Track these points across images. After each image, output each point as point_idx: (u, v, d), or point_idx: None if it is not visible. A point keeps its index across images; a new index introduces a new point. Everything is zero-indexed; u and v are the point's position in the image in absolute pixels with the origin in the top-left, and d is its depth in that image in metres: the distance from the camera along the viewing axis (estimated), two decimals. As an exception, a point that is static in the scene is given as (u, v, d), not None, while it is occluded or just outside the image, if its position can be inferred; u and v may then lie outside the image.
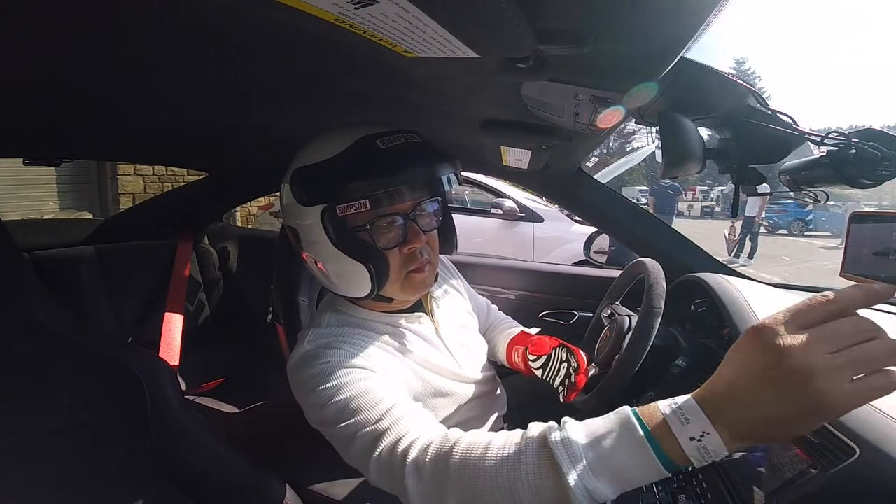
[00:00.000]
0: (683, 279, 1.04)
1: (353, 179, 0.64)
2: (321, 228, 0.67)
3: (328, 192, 0.65)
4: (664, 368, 0.87)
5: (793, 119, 0.71)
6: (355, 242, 0.68)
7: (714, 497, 0.66)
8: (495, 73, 0.51)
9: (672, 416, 0.43)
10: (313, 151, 0.68)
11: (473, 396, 0.88)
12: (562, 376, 0.89)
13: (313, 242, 0.69)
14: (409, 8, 0.32)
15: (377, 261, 0.69)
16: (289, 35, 0.46)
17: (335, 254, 0.68)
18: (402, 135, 0.68)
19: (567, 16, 0.38)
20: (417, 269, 0.72)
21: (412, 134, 0.69)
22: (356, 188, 0.64)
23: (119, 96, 0.73)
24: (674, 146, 0.72)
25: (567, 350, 0.90)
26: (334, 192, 0.65)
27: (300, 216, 0.69)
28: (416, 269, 0.72)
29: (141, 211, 1.99)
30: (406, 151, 0.67)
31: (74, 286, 1.44)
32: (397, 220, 0.69)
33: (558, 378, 0.89)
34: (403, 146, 0.67)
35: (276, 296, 1.25)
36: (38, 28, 0.44)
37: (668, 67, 0.47)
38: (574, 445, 0.46)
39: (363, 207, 0.64)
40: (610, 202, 1.32)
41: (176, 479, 0.73)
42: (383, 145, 0.65)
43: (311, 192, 0.67)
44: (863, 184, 0.68)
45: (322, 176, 0.65)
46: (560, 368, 0.90)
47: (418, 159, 0.67)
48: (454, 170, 0.70)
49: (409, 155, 0.67)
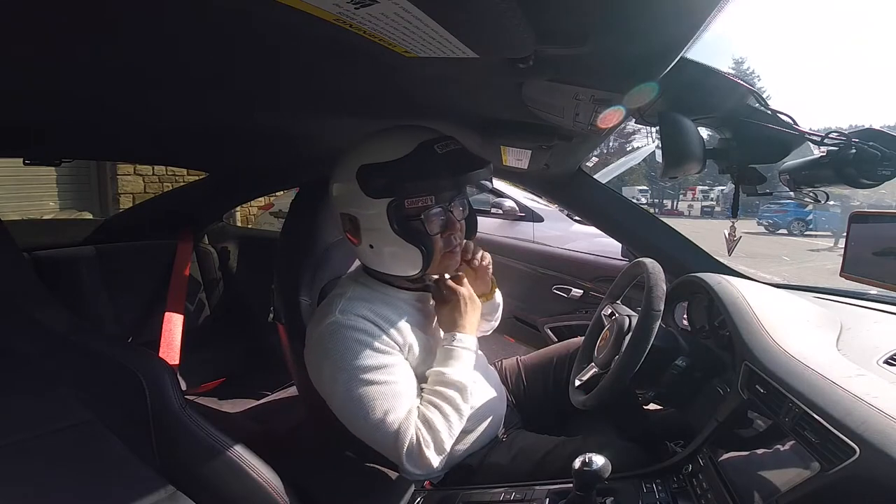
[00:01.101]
0: (683, 279, 1.04)
1: (421, 179, 0.78)
2: (385, 217, 0.78)
3: (397, 188, 0.77)
4: (664, 368, 0.87)
5: (793, 119, 0.71)
6: (412, 229, 0.81)
7: (714, 497, 0.66)
8: (495, 73, 0.51)
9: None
10: (377, 151, 0.79)
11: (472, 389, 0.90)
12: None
13: (374, 229, 0.81)
14: (409, 8, 0.32)
15: (427, 244, 0.82)
16: (289, 35, 0.46)
17: (394, 239, 0.80)
18: (451, 142, 0.81)
19: (567, 16, 0.38)
20: (452, 250, 0.87)
21: (456, 141, 0.83)
22: (424, 186, 0.78)
23: (119, 97, 0.73)
24: (674, 146, 0.72)
25: None
26: (404, 189, 0.77)
27: (363, 206, 0.80)
28: (451, 251, 0.87)
29: (141, 211, 1.99)
30: (458, 157, 0.81)
31: (74, 286, 1.44)
32: (442, 212, 0.83)
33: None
34: (456, 152, 0.81)
35: (277, 295, 1.25)
36: (38, 28, 0.44)
37: (667, 67, 0.48)
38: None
39: (428, 202, 0.79)
40: (610, 202, 1.31)
41: (176, 479, 0.73)
42: (440, 150, 0.79)
43: (380, 187, 0.78)
44: (863, 184, 0.68)
45: (392, 174, 0.77)
46: None
47: (468, 164, 0.81)
48: (491, 174, 0.84)
49: (461, 160, 0.81)
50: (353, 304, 0.84)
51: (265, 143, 1.21)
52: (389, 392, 0.78)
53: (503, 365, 1.20)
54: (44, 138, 1.03)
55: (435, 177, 0.78)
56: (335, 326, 0.80)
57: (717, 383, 0.85)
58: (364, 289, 0.88)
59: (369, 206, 0.79)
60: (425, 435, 0.77)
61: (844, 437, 0.49)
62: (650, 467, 0.78)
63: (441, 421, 0.78)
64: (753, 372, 0.70)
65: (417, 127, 0.83)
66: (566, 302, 1.78)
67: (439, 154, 0.78)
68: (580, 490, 0.64)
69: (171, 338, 1.50)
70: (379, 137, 0.82)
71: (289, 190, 2.72)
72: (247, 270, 1.91)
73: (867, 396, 0.53)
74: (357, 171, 0.79)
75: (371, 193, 0.78)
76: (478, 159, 0.83)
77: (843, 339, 0.75)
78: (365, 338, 0.80)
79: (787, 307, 0.90)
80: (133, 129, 1.00)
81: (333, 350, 0.79)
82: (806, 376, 0.61)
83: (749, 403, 0.70)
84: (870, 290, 0.96)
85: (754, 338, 0.74)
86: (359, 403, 0.77)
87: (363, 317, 0.82)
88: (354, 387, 0.78)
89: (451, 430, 0.79)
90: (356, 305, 0.83)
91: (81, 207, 4.91)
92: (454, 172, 0.79)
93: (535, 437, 0.97)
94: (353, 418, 0.79)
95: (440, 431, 0.77)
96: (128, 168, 4.96)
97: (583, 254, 1.89)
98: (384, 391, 0.78)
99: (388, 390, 0.78)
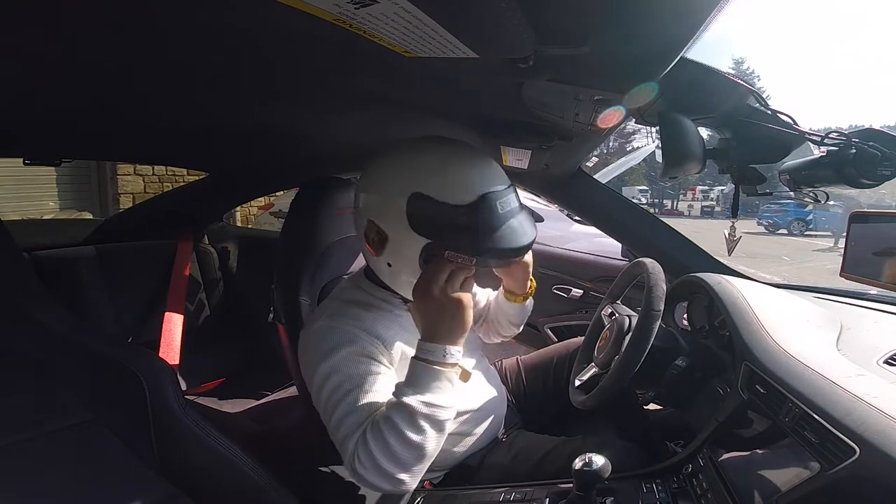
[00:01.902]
0: (683, 279, 1.04)
1: (473, 242, 0.72)
2: (417, 251, 0.74)
3: (447, 239, 0.72)
4: (664, 368, 0.87)
5: (793, 119, 0.71)
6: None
7: (714, 497, 0.66)
8: (495, 73, 0.51)
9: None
10: (436, 186, 0.72)
11: (472, 390, 0.90)
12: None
13: (401, 255, 0.76)
14: (409, 8, 0.32)
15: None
16: (289, 35, 0.46)
17: (414, 269, 0.75)
18: (513, 196, 0.76)
19: (567, 16, 0.38)
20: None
21: (517, 195, 0.78)
22: (471, 249, 0.72)
23: (119, 97, 0.73)
24: (674, 146, 0.72)
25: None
26: (450, 241, 0.72)
27: (401, 232, 0.74)
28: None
29: (141, 211, 1.99)
30: (517, 223, 0.75)
31: (74, 286, 1.44)
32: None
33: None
34: (515, 215, 0.75)
35: (277, 295, 1.24)
36: (38, 28, 0.44)
37: (668, 67, 0.48)
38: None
39: (468, 262, 0.73)
40: (610, 202, 1.31)
41: (176, 479, 0.73)
42: (501, 209, 0.73)
43: (429, 227, 0.73)
44: (863, 184, 0.68)
45: (445, 221, 0.72)
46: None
47: (523, 233, 0.75)
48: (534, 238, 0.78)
49: (519, 227, 0.75)
50: (346, 309, 0.82)
51: (265, 143, 1.21)
52: (352, 400, 0.73)
53: (503, 365, 1.20)
54: (43, 138, 1.03)
55: (487, 246, 0.72)
56: (323, 331, 0.79)
57: (717, 383, 0.85)
58: (363, 294, 0.86)
59: (407, 235, 0.74)
60: (360, 454, 0.69)
61: (844, 437, 0.49)
62: (650, 467, 0.78)
63: (379, 448, 0.68)
64: (753, 372, 0.70)
65: (480, 165, 0.75)
66: (566, 302, 1.78)
67: (499, 214, 0.72)
68: (580, 490, 0.64)
69: (171, 338, 1.50)
70: (441, 168, 0.74)
71: (289, 190, 2.73)
72: (247, 270, 1.91)
73: (867, 396, 0.53)
74: (409, 197, 0.73)
75: (416, 228, 0.73)
76: (532, 225, 0.78)
77: (843, 339, 0.75)
78: (347, 345, 0.77)
79: (787, 307, 0.90)
80: (133, 129, 0.99)
81: (316, 352, 0.77)
82: (806, 376, 0.61)
83: (749, 403, 0.70)
84: (870, 290, 0.96)
85: (754, 338, 0.74)
86: (325, 405, 0.75)
87: (352, 325, 0.79)
88: (325, 389, 0.75)
89: (392, 456, 0.68)
90: (349, 311, 0.81)
91: (81, 207, 4.91)
92: (506, 250, 0.73)
93: (535, 437, 0.97)
94: (322, 418, 0.77)
95: (378, 459, 0.68)
96: (128, 168, 4.96)
97: (583, 254, 1.89)
98: (348, 399, 0.73)
99: (351, 399, 0.73)
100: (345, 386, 0.74)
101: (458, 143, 0.79)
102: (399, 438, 0.67)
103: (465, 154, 0.77)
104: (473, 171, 0.75)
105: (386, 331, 0.81)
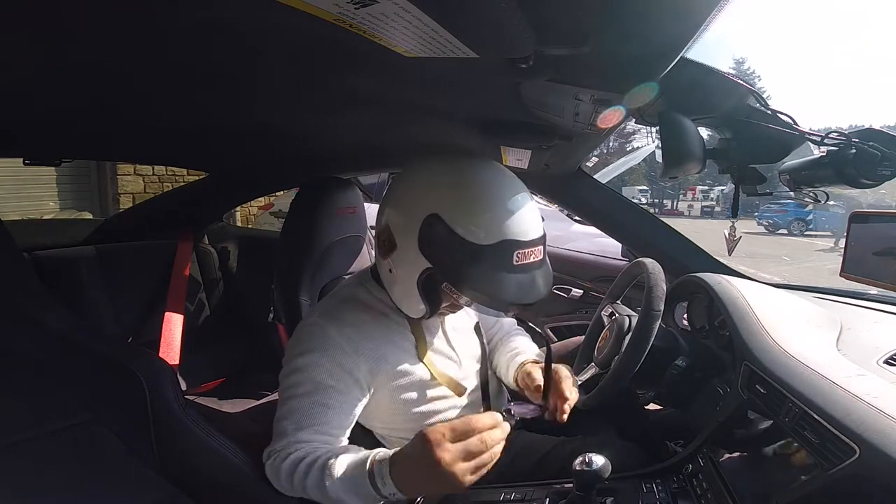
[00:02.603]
0: (683, 279, 1.04)
1: (475, 289, 0.70)
2: (418, 269, 0.73)
3: (446, 269, 0.71)
4: (664, 368, 0.87)
5: (793, 119, 0.71)
6: (432, 293, 0.76)
7: (714, 497, 0.66)
8: (495, 73, 0.51)
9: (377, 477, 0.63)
10: (458, 217, 0.69)
11: (472, 390, 0.90)
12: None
13: (401, 267, 0.76)
14: (409, 8, 0.32)
15: (436, 307, 0.78)
16: (289, 35, 0.46)
17: (409, 287, 0.75)
18: (539, 246, 0.72)
19: (567, 16, 0.38)
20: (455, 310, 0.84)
21: (539, 249, 0.73)
22: (470, 292, 0.71)
23: (118, 97, 0.73)
24: (674, 146, 0.72)
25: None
26: (450, 274, 0.71)
27: (409, 246, 0.73)
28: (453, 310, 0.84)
29: (141, 211, 1.99)
30: (526, 282, 0.72)
31: (74, 286, 1.43)
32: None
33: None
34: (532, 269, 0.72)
35: (277, 295, 1.25)
36: (38, 28, 0.44)
37: (668, 67, 0.48)
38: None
39: (461, 299, 0.74)
40: (610, 202, 1.32)
41: (176, 478, 0.73)
42: (517, 261, 0.70)
43: (435, 254, 0.71)
44: (863, 184, 0.68)
45: (456, 257, 0.69)
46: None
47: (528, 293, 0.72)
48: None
49: (525, 286, 0.71)
50: (342, 309, 0.82)
51: (265, 143, 1.21)
52: (303, 405, 0.73)
53: (503, 365, 1.20)
54: (43, 138, 1.03)
55: (484, 292, 0.70)
56: (310, 328, 0.79)
57: (717, 383, 0.85)
58: (364, 292, 0.85)
59: (413, 252, 0.72)
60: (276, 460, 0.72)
61: (844, 437, 0.49)
62: (650, 467, 0.78)
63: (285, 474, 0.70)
64: (753, 372, 0.70)
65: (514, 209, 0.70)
66: (566, 302, 1.78)
67: (512, 265, 0.69)
68: (580, 490, 0.64)
69: (171, 338, 1.50)
70: (470, 200, 0.70)
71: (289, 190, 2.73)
72: (247, 270, 1.91)
73: (867, 396, 0.53)
74: (426, 217, 0.70)
75: (422, 249, 0.71)
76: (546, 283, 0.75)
77: (843, 339, 0.75)
78: (324, 351, 0.75)
79: (787, 307, 0.90)
80: (133, 129, 0.99)
81: (297, 346, 0.78)
82: (806, 376, 0.61)
83: (749, 403, 0.70)
84: (870, 290, 0.96)
85: (754, 338, 0.74)
86: (281, 394, 0.77)
87: (340, 332, 0.77)
88: (287, 380, 0.76)
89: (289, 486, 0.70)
90: (344, 313, 0.80)
91: (81, 207, 4.91)
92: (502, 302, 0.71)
93: (535, 437, 0.97)
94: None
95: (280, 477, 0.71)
96: (128, 168, 4.96)
97: (583, 254, 1.89)
98: (300, 401, 0.74)
99: (304, 403, 0.73)
100: (303, 387, 0.74)
101: (502, 177, 0.74)
102: (300, 487, 0.69)
103: (502, 191, 0.72)
104: (503, 213, 0.70)
105: (373, 345, 0.79)
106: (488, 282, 0.70)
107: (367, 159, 1.48)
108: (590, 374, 0.92)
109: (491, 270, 0.69)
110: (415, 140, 1.17)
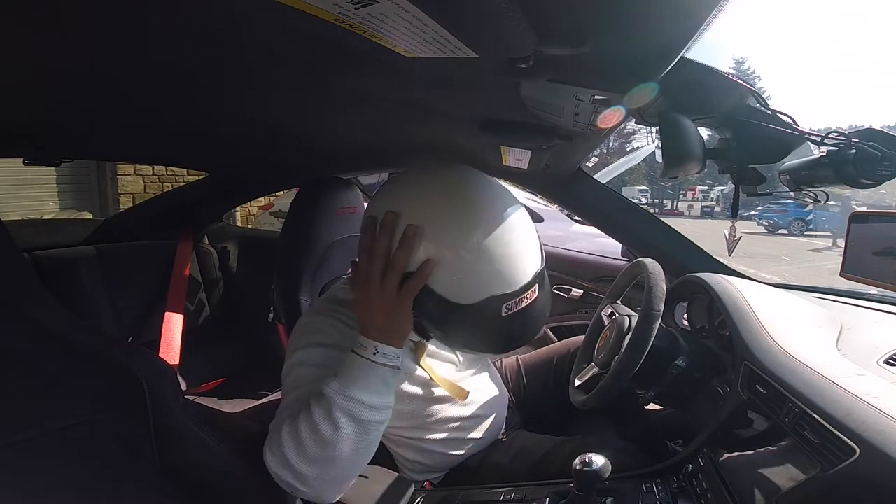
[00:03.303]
0: (683, 279, 1.04)
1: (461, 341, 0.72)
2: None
3: (433, 326, 0.69)
4: (664, 368, 0.87)
5: (793, 119, 0.71)
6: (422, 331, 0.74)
7: (714, 497, 0.66)
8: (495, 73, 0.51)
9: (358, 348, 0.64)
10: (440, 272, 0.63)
11: (473, 391, 0.90)
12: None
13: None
14: (409, 8, 0.32)
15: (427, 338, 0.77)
16: (288, 35, 0.46)
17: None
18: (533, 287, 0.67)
19: (567, 16, 0.38)
20: None
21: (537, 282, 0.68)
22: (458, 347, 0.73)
23: (118, 97, 0.72)
24: (674, 146, 0.72)
25: None
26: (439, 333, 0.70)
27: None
28: None
29: (141, 211, 1.99)
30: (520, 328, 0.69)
31: (74, 286, 1.44)
32: None
33: None
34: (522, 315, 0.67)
35: (277, 295, 1.25)
36: (37, 28, 0.44)
37: (668, 67, 0.47)
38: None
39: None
40: (610, 202, 1.32)
41: (176, 479, 0.73)
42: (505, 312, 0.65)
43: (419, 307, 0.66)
44: (863, 184, 0.68)
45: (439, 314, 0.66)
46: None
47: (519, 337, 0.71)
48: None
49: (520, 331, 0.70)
50: (335, 307, 0.80)
51: (265, 143, 1.21)
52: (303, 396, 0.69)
53: (503, 364, 1.20)
54: (43, 138, 1.03)
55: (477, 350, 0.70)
56: (306, 324, 0.79)
57: (717, 383, 0.85)
58: None
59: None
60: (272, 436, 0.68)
61: (844, 437, 0.49)
62: (650, 467, 0.78)
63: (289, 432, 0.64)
64: (753, 372, 0.70)
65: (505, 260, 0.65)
66: (566, 302, 1.78)
67: (503, 318, 0.65)
68: (580, 490, 0.64)
69: (171, 338, 1.50)
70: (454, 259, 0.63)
71: (289, 190, 2.73)
72: (247, 270, 1.91)
73: (867, 396, 0.53)
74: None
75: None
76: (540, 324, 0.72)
77: (843, 339, 0.75)
78: (327, 344, 0.74)
79: (787, 307, 0.90)
80: (133, 129, 0.99)
81: (294, 342, 0.77)
82: (806, 376, 0.61)
83: (749, 403, 0.70)
84: (870, 290, 0.96)
85: (754, 338, 0.74)
86: (283, 392, 0.75)
87: (340, 325, 0.76)
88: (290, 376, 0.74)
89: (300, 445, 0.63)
90: (341, 311, 0.79)
91: (81, 207, 4.91)
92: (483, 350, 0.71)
93: (534, 437, 0.97)
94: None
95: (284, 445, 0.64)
96: (128, 168, 4.96)
97: (583, 254, 1.89)
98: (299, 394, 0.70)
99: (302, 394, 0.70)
100: (305, 378, 0.71)
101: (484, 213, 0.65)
102: (311, 428, 0.61)
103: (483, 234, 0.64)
104: (484, 266, 0.63)
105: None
106: (476, 337, 0.69)
107: (367, 159, 1.48)
108: (590, 374, 0.92)
109: (477, 326, 0.67)
110: (415, 140, 1.17)
